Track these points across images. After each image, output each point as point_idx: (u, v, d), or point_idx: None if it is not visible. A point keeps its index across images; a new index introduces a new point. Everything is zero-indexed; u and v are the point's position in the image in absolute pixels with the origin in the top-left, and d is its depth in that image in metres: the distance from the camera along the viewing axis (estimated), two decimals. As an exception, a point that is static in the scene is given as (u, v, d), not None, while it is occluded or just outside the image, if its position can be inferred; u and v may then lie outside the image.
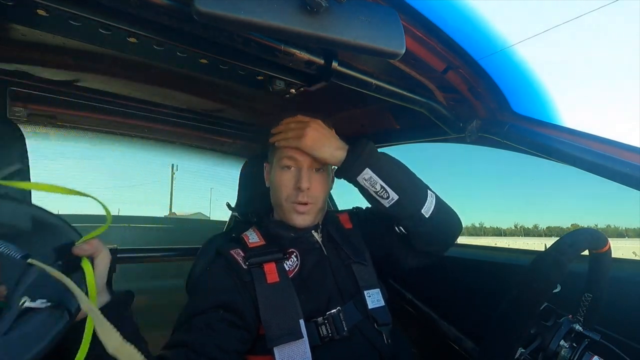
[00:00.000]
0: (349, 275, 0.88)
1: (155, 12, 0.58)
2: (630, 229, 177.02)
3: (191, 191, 8.01)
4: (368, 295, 0.85)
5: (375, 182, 0.79)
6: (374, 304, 0.85)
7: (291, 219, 0.86)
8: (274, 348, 0.71)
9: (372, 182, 0.79)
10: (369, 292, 0.86)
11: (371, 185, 0.79)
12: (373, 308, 0.85)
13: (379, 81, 0.83)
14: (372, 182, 0.79)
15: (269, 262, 0.81)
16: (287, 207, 0.86)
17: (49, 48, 0.85)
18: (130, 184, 9.08)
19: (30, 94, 1.09)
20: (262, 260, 0.80)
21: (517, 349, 0.61)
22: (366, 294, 0.85)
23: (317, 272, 0.85)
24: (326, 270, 0.86)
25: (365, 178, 0.79)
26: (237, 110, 1.36)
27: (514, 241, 52.07)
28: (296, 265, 0.84)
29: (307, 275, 0.83)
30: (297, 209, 0.85)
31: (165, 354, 0.67)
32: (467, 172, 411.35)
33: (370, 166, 0.78)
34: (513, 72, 0.81)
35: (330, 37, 0.52)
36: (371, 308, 0.84)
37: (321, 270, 0.85)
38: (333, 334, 0.77)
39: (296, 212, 0.85)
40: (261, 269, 0.79)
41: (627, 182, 0.69)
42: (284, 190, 0.85)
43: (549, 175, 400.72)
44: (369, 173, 0.78)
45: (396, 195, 0.79)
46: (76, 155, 1.85)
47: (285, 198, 0.85)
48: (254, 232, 0.91)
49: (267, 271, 0.79)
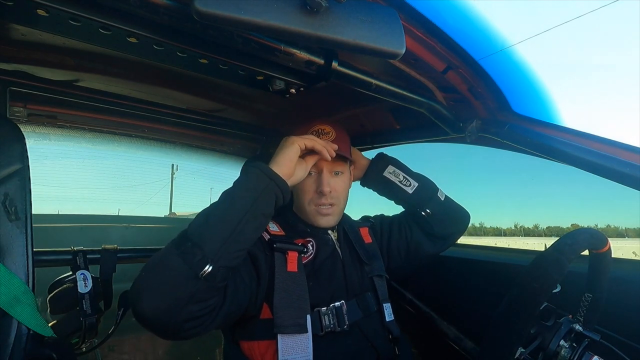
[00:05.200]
0: (358, 275, 0.91)
1: (155, 12, 0.58)
2: (630, 229, 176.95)
3: (191, 191, 8.00)
4: (385, 309, 0.91)
5: (398, 173, 1.01)
6: (389, 317, 0.91)
7: (316, 221, 0.91)
8: (278, 335, 0.73)
9: (396, 174, 1.01)
10: (386, 305, 0.92)
11: (396, 177, 1.00)
12: (389, 321, 0.90)
13: (379, 81, 0.83)
14: (396, 174, 1.01)
15: (293, 250, 0.83)
16: (310, 211, 0.90)
17: (49, 48, 0.85)
18: (130, 184, 9.10)
19: (30, 94, 1.09)
20: (287, 247, 0.83)
21: (517, 349, 0.61)
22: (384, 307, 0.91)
23: (328, 264, 0.88)
24: (337, 264, 0.89)
25: (390, 172, 1.01)
26: (237, 110, 1.36)
27: (514, 241, 52.09)
28: (311, 253, 0.88)
29: (319, 265, 0.87)
30: (320, 211, 0.89)
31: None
32: (467, 172, 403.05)
33: (392, 163, 1.02)
34: (513, 72, 0.81)
35: (330, 37, 0.52)
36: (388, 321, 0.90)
37: (332, 264, 0.89)
38: (334, 326, 0.80)
39: (320, 215, 0.90)
40: (284, 255, 0.82)
41: (627, 182, 0.69)
42: (306, 195, 0.90)
43: (549, 175, 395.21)
44: (392, 168, 1.01)
45: (416, 183, 1.00)
46: (76, 155, 1.85)
47: (308, 202, 0.90)
48: (273, 223, 0.94)
49: (289, 259, 0.81)
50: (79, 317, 0.94)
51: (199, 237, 0.63)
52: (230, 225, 0.64)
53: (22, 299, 0.66)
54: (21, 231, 0.69)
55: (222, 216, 0.66)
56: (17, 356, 0.64)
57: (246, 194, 0.68)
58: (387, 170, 1.01)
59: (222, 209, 0.67)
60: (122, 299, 1.07)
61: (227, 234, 0.64)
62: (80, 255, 1.00)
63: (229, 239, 0.64)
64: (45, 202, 2.98)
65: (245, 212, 0.66)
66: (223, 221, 0.65)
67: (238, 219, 0.65)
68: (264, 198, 0.68)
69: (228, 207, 0.67)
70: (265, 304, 0.77)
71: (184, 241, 0.63)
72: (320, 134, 0.89)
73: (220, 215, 0.66)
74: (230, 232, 0.64)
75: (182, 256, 0.61)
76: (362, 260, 0.93)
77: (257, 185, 0.69)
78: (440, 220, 1.00)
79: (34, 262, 0.70)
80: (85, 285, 0.96)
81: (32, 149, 0.75)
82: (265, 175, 0.70)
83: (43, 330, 0.68)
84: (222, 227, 0.64)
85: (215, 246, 0.62)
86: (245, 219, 0.66)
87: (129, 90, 1.15)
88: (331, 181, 0.89)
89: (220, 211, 0.67)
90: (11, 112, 1.16)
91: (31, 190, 0.72)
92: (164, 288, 0.61)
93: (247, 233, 0.67)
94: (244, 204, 0.67)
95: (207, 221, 0.65)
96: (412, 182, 0.99)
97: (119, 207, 7.45)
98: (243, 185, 0.69)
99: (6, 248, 0.67)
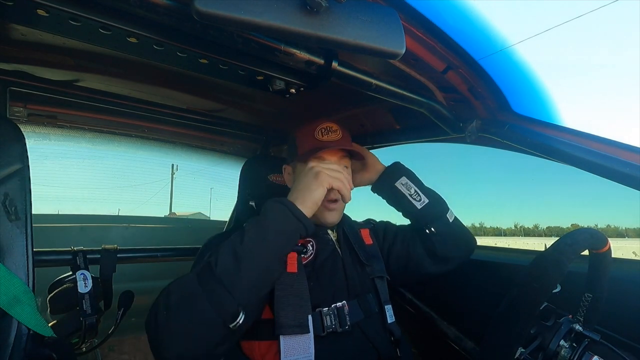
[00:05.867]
0: (359, 276, 0.91)
1: (155, 12, 0.58)
2: (630, 229, 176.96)
3: (191, 191, 8.01)
4: (387, 310, 0.91)
5: (410, 186, 0.98)
6: (391, 319, 0.91)
7: (322, 217, 0.90)
8: (280, 336, 0.73)
9: (407, 187, 0.98)
10: (387, 307, 0.92)
11: (407, 189, 0.98)
12: (391, 323, 0.90)
13: (379, 81, 0.83)
14: (407, 186, 0.98)
15: (292, 251, 0.82)
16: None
17: (49, 48, 0.85)
18: (130, 184, 9.08)
19: (30, 94, 1.09)
20: None
21: (517, 349, 0.61)
22: (386, 309, 0.90)
23: (328, 264, 0.88)
24: (337, 264, 0.89)
25: (402, 183, 0.99)
26: (237, 110, 1.36)
27: (514, 241, 52.06)
28: (311, 253, 0.88)
29: (319, 265, 0.86)
30: (328, 206, 0.89)
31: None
32: (467, 172, 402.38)
33: (406, 174, 1.00)
34: (513, 72, 0.81)
35: (330, 37, 0.52)
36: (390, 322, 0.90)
37: (333, 264, 0.89)
38: (336, 326, 0.80)
39: (327, 210, 0.90)
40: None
41: (627, 182, 0.69)
42: None
43: (549, 175, 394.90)
44: (405, 180, 0.99)
45: (427, 199, 0.98)
46: (76, 155, 1.85)
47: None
48: None
49: (288, 260, 0.81)
50: (79, 317, 0.94)
51: (230, 283, 0.62)
52: (261, 269, 0.65)
53: (22, 299, 0.66)
54: (21, 231, 0.69)
55: (252, 259, 0.65)
56: (17, 356, 0.64)
57: (276, 238, 0.67)
58: (399, 181, 0.99)
59: (252, 251, 0.65)
60: (122, 299, 1.07)
61: (259, 279, 0.65)
62: (80, 255, 1.00)
63: (260, 284, 0.65)
64: (45, 202, 2.98)
65: (275, 255, 0.67)
66: (254, 265, 0.64)
67: (268, 262, 0.66)
68: (292, 240, 0.70)
69: (259, 250, 0.66)
70: (267, 305, 0.77)
71: (212, 282, 0.62)
72: (328, 132, 0.88)
73: (251, 258, 0.65)
74: (262, 276, 0.65)
75: (212, 302, 0.60)
76: (362, 261, 0.93)
77: (287, 227, 0.68)
78: (444, 241, 0.97)
79: (34, 262, 0.70)
80: (85, 285, 0.96)
81: (32, 149, 0.75)
82: (295, 218, 0.69)
83: (43, 330, 0.68)
84: (253, 271, 0.64)
85: (245, 292, 0.63)
86: (274, 260, 0.67)
87: (129, 90, 1.15)
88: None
89: (251, 254, 0.65)
90: (11, 112, 1.16)
91: (31, 190, 0.72)
92: (191, 336, 0.60)
93: (275, 273, 0.69)
94: (274, 248, 0.67)
95: (238, 265, 0.63)
96: (423, 197, 0.97)
97: (119, 207, 7.46)
98: (273, 227, 0.68)
99: (6, 248, 0.67)
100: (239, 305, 0.61)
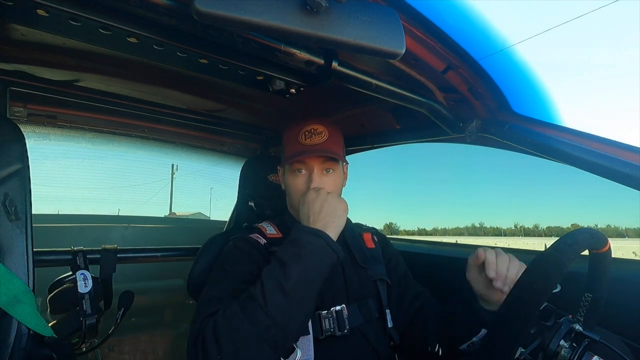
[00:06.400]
0: (358, 279, 0.90)
1: (155, 12, 0.58)
2: (630, 229, 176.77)
3: (191, 191, 7.99)
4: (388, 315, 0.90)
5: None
6: (391, 324, 0.90)
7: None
8: None
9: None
10: (388, 311, 0.91)
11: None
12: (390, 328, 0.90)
13: (379, 81, 0.83)
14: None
15: None
16: None
17: (49, 48, 0.85)
18: (130, 184, 9.08)
19: (30, 94, 1.09)
20: None
21: (517, 349, 0.61)
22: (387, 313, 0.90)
23: None
24: (336, 269, 0.88)
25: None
26: (237, 110, 1.36)
27: (514, 241, 52.05)
28: None
29: None
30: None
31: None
32: (467, 172, 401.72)
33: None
34: (513, 72, 0.81)
35: (330, 37, 0.52)
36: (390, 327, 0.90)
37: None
38: (334, 329, 0.80)
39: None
40: None
41: (627, 182, 0.69)
42: (298, 192, 0.89)
43: (549, 175, 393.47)
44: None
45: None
46: (76, 155, 1.86)
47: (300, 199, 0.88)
48: (270, 225, 0.94)
49: None
50: (79, 317, 0.94)
51: (286, 323, 0.64)
52: (311, 302, 0.69)
53: (22, 299, 0.66)
54: (21, 231, 0.69)
55: (304, 297, 0.67)
56: (17, 356, 0.64)
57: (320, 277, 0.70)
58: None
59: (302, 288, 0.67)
60: (122, 299, 1.07)
61: (310, 311, 0.70)
62: (80, 255, 1.00)
63: (309, 314, 0.70)
64: (45, 202, 2.97)
65: (318, 288, 0.70)
66: (304, 303, 0.68)
67: (313, 295, 0.69)
68: (329, 269, 0.72)
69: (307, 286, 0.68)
70: None
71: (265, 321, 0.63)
72: (312, 135, 0.87)
73: (302, 296, 0.67)
74: (311, 308, 0.69)
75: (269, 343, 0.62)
76: (359, 264, 0.92)
77: (329, 260, 0.71)
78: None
79: (34, 262, 0.70)
80: (85, 285, 0.96)
81: (32, 149, 0.75)
82: (333, 251, 0.72)
83: (43, 330, 0.68)
84: (304, 309, 0.68)
85: (300, 329, 0.69)
86: (317, 292, 0.70)
87: (129, 90, 1.15)
88: (322, 179, 0.87)
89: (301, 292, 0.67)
90: (11, 112, 1.16)
91: (31, 190, 0.72)
92: None
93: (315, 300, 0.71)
94: (319, 280, 0.70)
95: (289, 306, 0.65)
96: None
97: (119, 207, 7.47)
98: (317, 261, 0.70)
99: (6, 248, 0.67)
100: (291, 339, 0.66)
